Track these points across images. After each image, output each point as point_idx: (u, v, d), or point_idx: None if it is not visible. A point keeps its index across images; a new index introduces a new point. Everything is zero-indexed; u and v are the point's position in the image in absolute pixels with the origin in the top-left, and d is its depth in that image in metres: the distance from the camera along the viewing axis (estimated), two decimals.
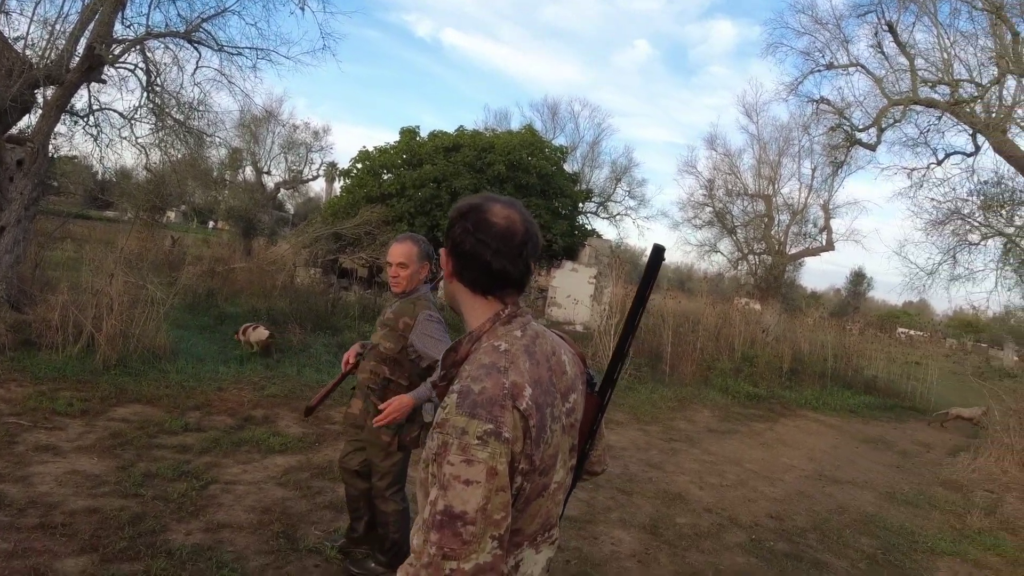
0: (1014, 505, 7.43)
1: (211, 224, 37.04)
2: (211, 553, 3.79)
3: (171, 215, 31.90)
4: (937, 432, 12.09)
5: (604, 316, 17.79)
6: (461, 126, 23.16)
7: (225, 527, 4.12)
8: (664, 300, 15.54)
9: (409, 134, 21.80)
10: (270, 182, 32.20)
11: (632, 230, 47.04)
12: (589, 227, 25.61)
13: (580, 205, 25.26)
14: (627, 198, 35.66)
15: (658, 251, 1.47)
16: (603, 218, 35.09)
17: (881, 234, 68.32)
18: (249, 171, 31.54)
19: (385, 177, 20.46)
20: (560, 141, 32.95)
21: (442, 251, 1.51)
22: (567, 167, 25.81)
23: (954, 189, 15.65)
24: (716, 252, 31.04)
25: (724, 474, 7.18)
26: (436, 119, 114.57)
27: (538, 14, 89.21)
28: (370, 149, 21.60)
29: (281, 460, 5.52)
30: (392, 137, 36.47)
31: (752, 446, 8.70)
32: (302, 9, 9.86)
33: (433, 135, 21.71)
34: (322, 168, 33.59)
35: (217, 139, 11.45)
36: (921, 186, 13.05)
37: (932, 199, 14.40)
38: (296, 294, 13.10)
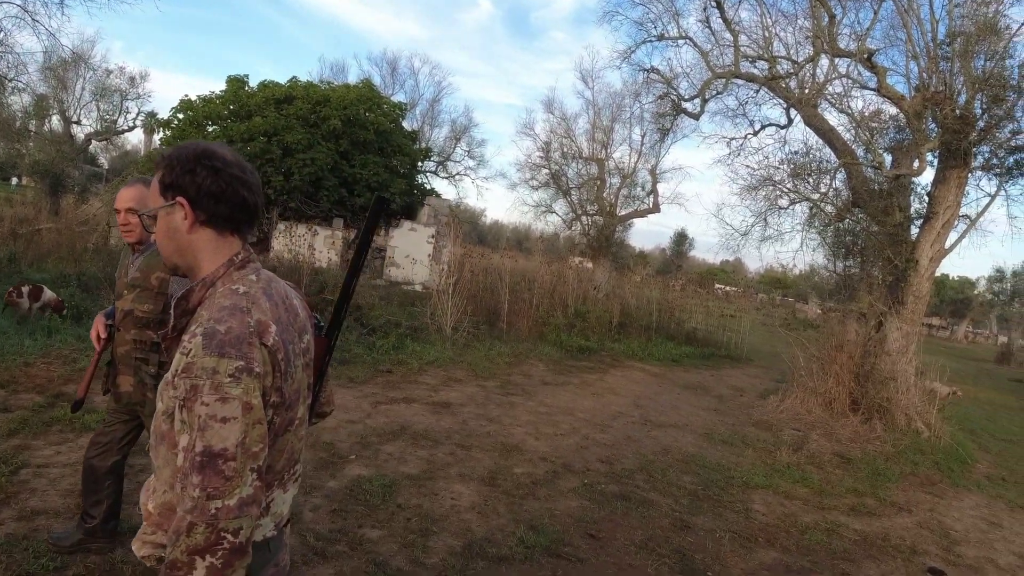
0: (818, 442, 8.21)
1: (14, 180, 32.92)
2: (27, 543, 3.35)
3: None
4: (749, 377, 13.20)
5: (443, 276, 17.85)
6: (294, 77, 22.06)
7: (40, 514, 3.67)
8: (501, 259, 15.74)
9: (237, 83, 20.44)
10: (80, 133, 29.10)
11: (471, 190, 47.32)
12: (428, 186, 25.38)
13: (419, 164, 24.94)
14: (466, 158, 35.83)
15: (380, 200, 1.66)
16: (442, 177, 35.02)
17: (702, 198, 73.14)
18: (56, 120, 28.29)
19: (210, 129, 19.11)
20: (400, 98, 32.34)
21: (180, 201, 1.47)
22: (406, 125, 25.35)
23: (767, 157, 16.94)
24: (552, 213, 32.10)
25: (558, 424, 7.39)
26: (269, 70, 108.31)
27: None
28: (193, 98, 20.04)
29: None
30: (218, 87, 33.94)
31: (584, 396, 9.03)
32: None
33: (264, 85, 20.50)
34: (139, 118, 30.81)
35: (20, 84, 10.05)
36: (739, 154, 13.97)
37: (748, 166, 15.54)
38: (111, 257, 11.95)
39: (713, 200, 54.01)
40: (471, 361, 9.98)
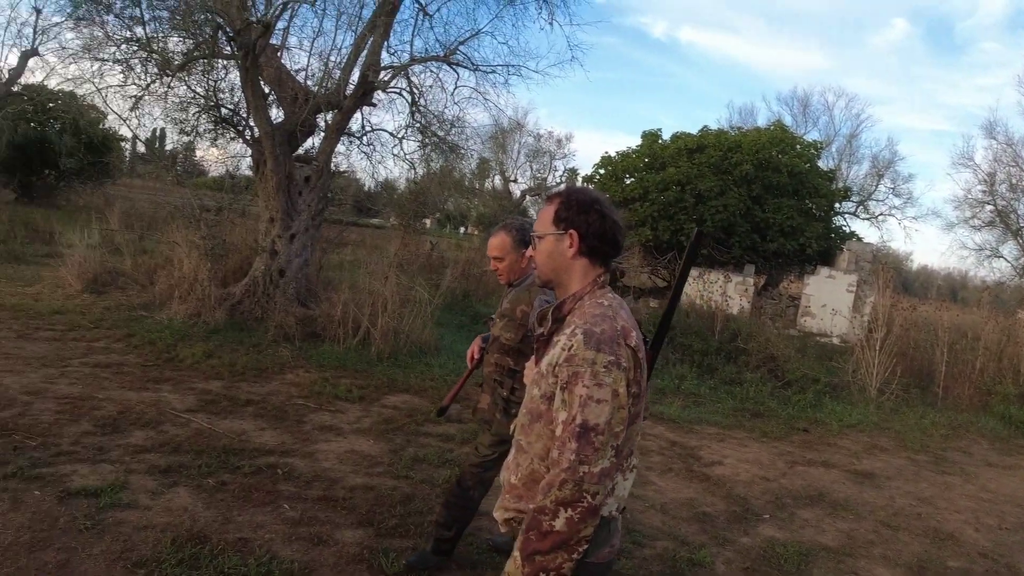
0: None
1: (462, 229, 39.73)
2: (472, 539, 4.03)
3: (427, 221, 34.66)
4: None
5: (866, 329, 16.27)
6: (705, 126, 22.59)
7: (483, 515, 4.29)
8: (937, 312, 13.76)
9: (651, 137, 21.67)
10: (516, 189, 33.82)
11: (897, 232, 42.19)
12: (847, 229, 23.56)
13: (836, 205, 23.36)
14: (891, 196, 32.33)
15: (699, 234, 1.93)
16: (863, 219, 32.14)
17: None
18: (497, 180, 33.39)
19: (628, 181, 20.51)
20: (813, 136, 30.82)
21: (571, 233, 1.88)
22: (821, 164, 24.01)
23: None
24: (998, 257, 26.92)
25: (1003, 515, 6.18)
26: (676, 121, 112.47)
27: (775, 1, 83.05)
28: (612, 154, 21.80)
29: None
30: (632, 141, 36.38)
31: None
32: (551, 24, 10.22)
33: (676, 137, 21.37)
34: (564, 175, 34.58)
35: (471, 151, 12.25)
36: None
37: None
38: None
39: None
40: (899, 429, 8.90)
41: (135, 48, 8.66)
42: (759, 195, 19.36)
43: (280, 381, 7.03)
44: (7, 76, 20.30)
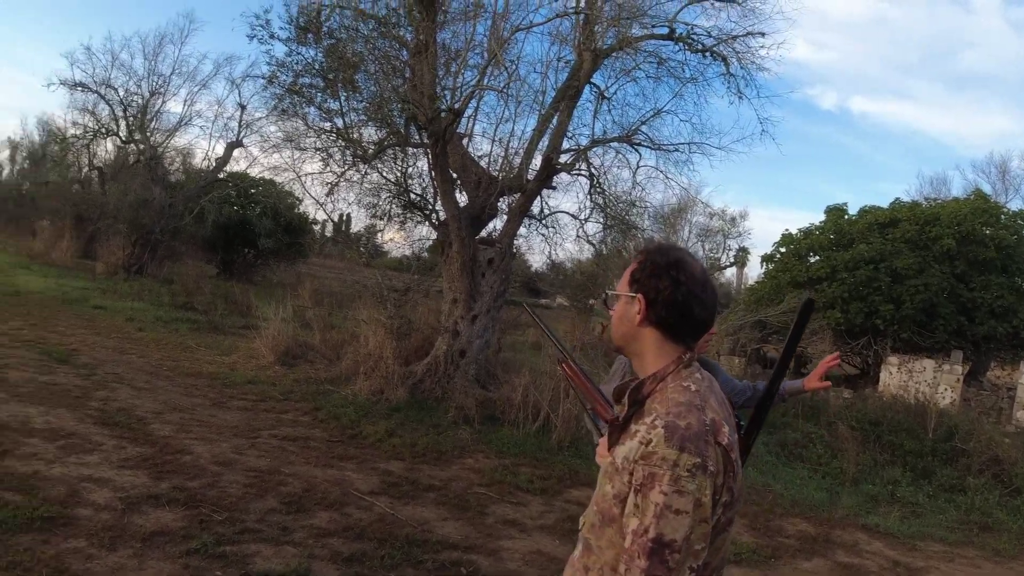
0: None
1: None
2: None
3: (592, 302, 34.47)
4: None
5: None
6: (897, 199, 20.96)
7: None
8: None
9: (836, 212, 20.39)
10: None
11: None
12: None
13: None
14: None
15: (808, 304, 1.63)
16: None
17: None
18: None
19: (812, 260, 19.30)
20: (1015, 205, 27.73)
21: (639, 298, 1.60)
22: None
23: None
24: None
25: None
26: (857, 195, 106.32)
27: (952, 63, 77.21)
28: (793, 231, 20.70)
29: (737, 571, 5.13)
30: (808, 218, 34.51)
31: None
32: (739, 98, 9.93)
33: (864, 211, 19.97)
34: (736, 254, 33.29)
35: (650, 231, 12.01)
36: None
37: None
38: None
39: None
40: None
41: (333, 137, 9.27)
42: (963, 272, 17.50)
43: (460, 466, 6.89)
44: (214, 164, 22.89)
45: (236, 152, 22.37)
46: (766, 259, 21.15)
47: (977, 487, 8.44)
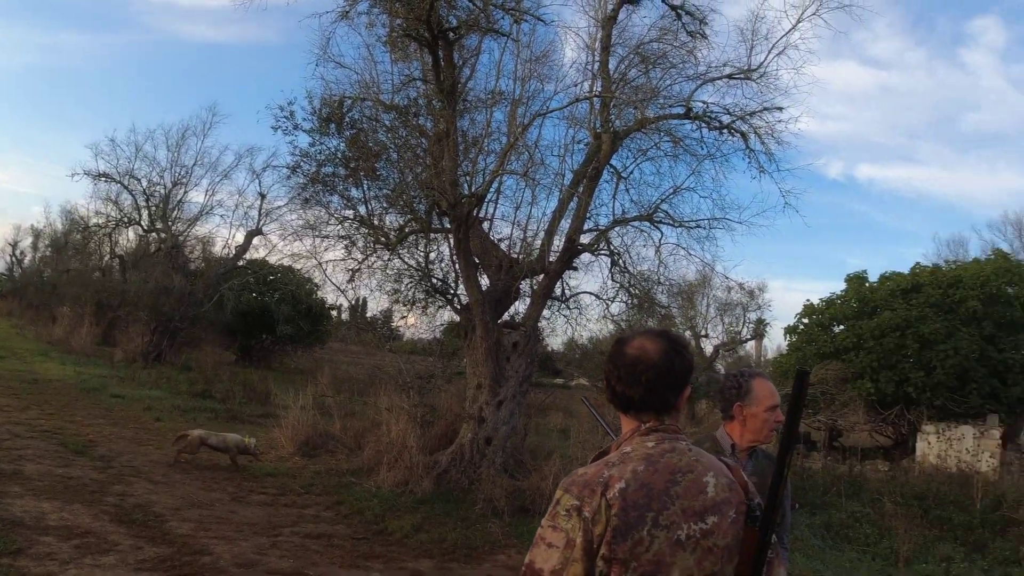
0: None
1: None
2: None
3: None
4: None
5: None
6: (917, 263, 20.80)
7: None
8: None
9: (857, 280, 20.22)
10: (708, 345, 32.52)
11: None
12: None
13: None
14: None
15: (801, 375, 1.56)
16: None
17: None
18: (687, 334, 32.34)
19: (836, 330, 19.04)
20: None
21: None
22: None
23: None
24: None
25: None
26: (873, 261, 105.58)
27: (957, 125, 78.02)
28: (815, 302, 20.51)
29: None
30: (826, 287, 34.18)
31: None
32: (761, 173, 9.95)
33: (885, 278, 19.79)
34: (753, 327, 32.90)
35: (673, 307, 11.87)
36: None
37: None
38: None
39: None
40: None
41: (356, 225, 9.30)
42: (992, 334, 17.18)
43: (492, 563, 6.57)
44: (234, 252, 23.13)
45: (255, 240, 22.71)
46: (789, 331, 20.90)
47: None
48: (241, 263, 23.37)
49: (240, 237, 22.98)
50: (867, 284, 19.95)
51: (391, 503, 8.03)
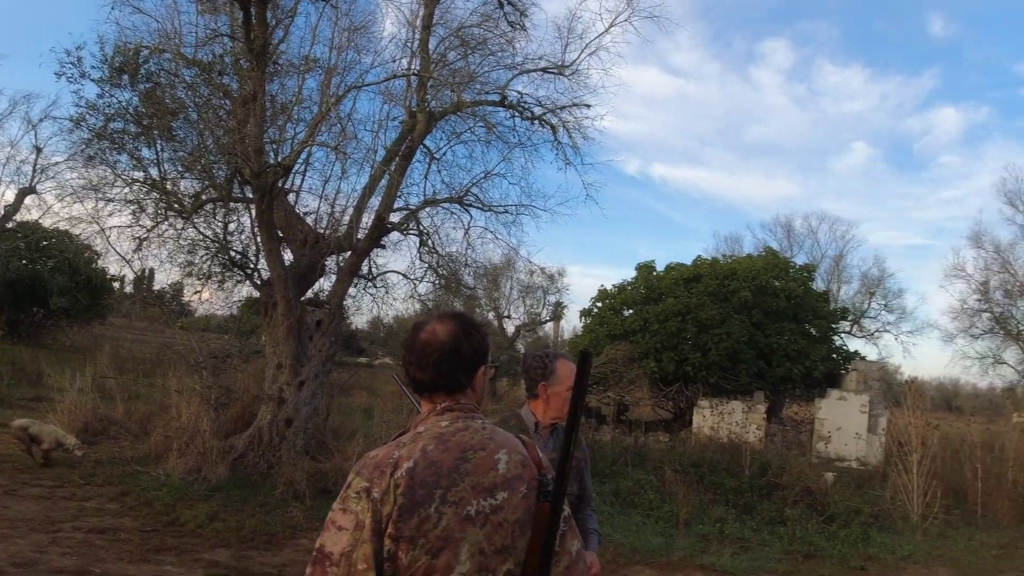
0: None
1: None
2: None
3: None
4: None
5: (883, 450, 15.71)
6: (699, 255, 22.83)
7: None
8: (967, 426, 13.38)
9: (646, 269, 21.80)
10: (510, 326, 33.57)
11: (895, 348, 41.62)
12: (848, 349, 23.42)
13: (834, 326, 23.34)
14: (883, 312, 32.51)
15: (584, 356, 1.58)
16: (859, 337, 32.06)
17: None
18: (491, 315, 33.18)
19: (626, 314, 20.41)
20: (800, 259, 31.23)
21: None
22: (814, 286, 24.17)
23: None
24: (1001, 363, 26.89)
25: None
26: (665, 253, 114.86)
27: (742, 135, 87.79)
28: (608, 287, 21.84)
29: None
30: (621, 274, 36.54)
31: None
32: (567, 164, 10.39)
33: (670, 268, 21.51)
34: (552, 309, 34.47)
35: (479, 290, 12.09)
36: None
37: None
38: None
39: None
40: (952, 556, 8.36)
41: (146, 189, 8.52)
42: (760, 321, 19.30)
43: (294, 548, 6.38)
44: (3, 212, 20.35)
45: (28, 200, 20.18)
46: (585, 314, 22.10)
47: (795, 518, 9.13)
48: (10, 225, 20.57)
49: (11, 196, 20.46)
50: (654, 273, 21.55)
51: (182, 492, 7.53)
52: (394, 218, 9.83)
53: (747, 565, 7.37)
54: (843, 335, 28.35)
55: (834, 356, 20.71)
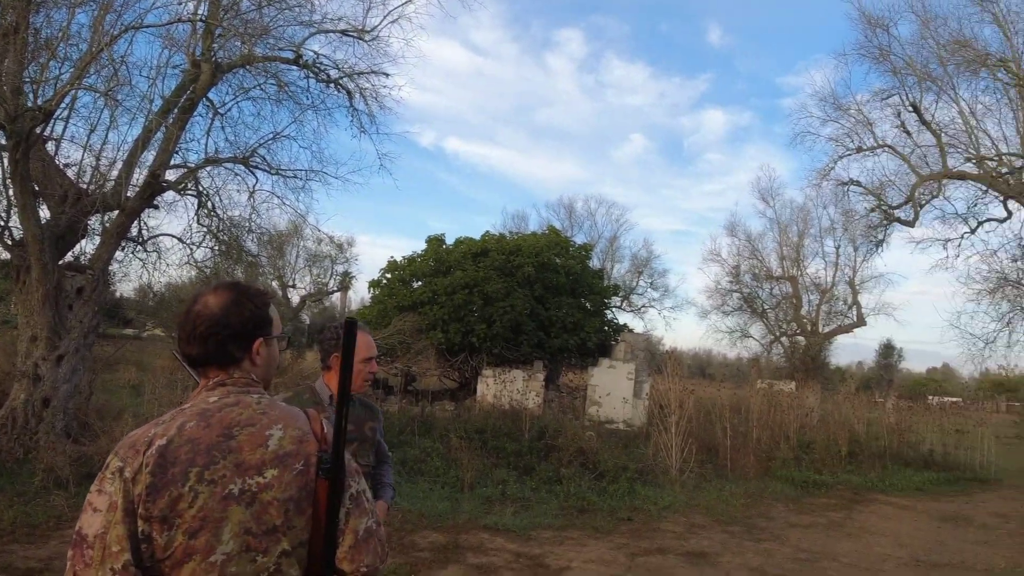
0: None
1: None
2: None
3: None
4: (1007, 500, 11.62)
5: (649, 413, 17.37)
6: (487, 231, 23.50)
7: None
8: (718, 391, 15.27)
9: (435, 242, 22.07)
10: (296, 295, 32.40)
11: (659, 321, 46.38)
12: (618, 322, 25.47)
13: (607, 300, 25.26)
14: (649, 290, 35.75)
15: (349, 323, 1.57)
16: (628, 311, 35.03)
17: (916, 303, 68.88)
18: (275, 284, 31.78)
19: (415, 285, 20.56)
20: (580, 239, 33.37)
21: None
22: (591, 264, 25.95)
23: (995, 253, 15.44)
24: (748, 337, 31.04)
25: (826, 571, 6.82)
26: (456, 226, 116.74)
27: (534, 117, 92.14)
28: (398, 259, 21.84)
29: None
30: (413, 245, 36.67)
31: (838, 537, 8.33)
32: (362, 133, 10.20)
33: (459, 241, 21.94)
34: (339, 279, 33.84)
35: (263, 257, 11.56)
36: (958, 256, 13.13)
37: (979, 269, 14.46)
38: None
39: (937, 306, 49.63)
40: (706, 505, 9.54)
41: None
42: (541, 295, 20.34)
43: (60, 539, 5.83)
44: None
45: None
46: (373, 284, 21.92)
47: (570, 476, 9.87)
48: None
49: None
50: (444, 246, 21.88)
51: None
52: (170, 176, 9.10)
53: (527, 522, 7.86)
54: (614, 309, 30.81)
55: (606, 328, 22.37)
